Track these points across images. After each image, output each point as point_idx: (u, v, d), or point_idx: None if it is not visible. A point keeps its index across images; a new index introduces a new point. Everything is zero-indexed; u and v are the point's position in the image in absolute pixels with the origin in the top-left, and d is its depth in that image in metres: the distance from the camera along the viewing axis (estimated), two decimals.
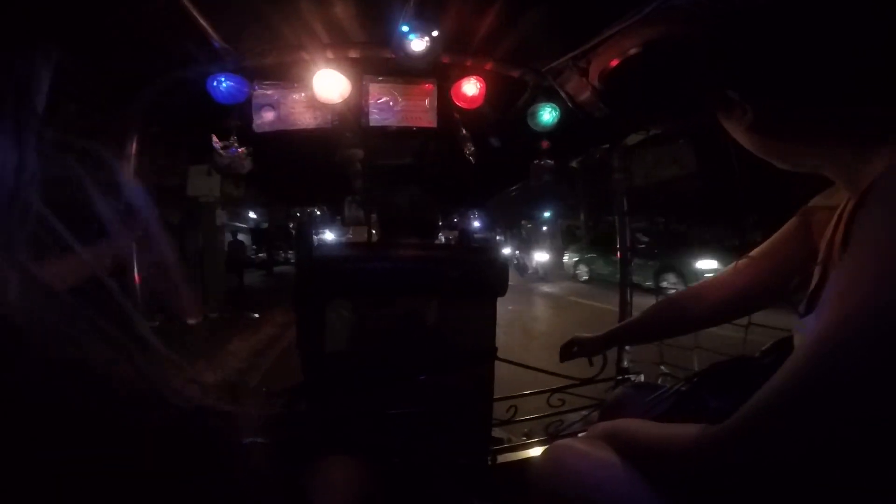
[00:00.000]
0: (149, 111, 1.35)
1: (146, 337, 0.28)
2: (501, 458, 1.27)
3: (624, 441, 0.65)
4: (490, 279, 1.24)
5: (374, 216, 1.40)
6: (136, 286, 1.15)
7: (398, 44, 1.21)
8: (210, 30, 1.15)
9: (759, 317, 1.09)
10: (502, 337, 1.36)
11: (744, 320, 1.23)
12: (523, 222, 19.71)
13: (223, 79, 1.37)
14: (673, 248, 8.98)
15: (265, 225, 20.38)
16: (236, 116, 1.42)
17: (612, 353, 1.38)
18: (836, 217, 0.62)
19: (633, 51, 1.11)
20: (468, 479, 1.17)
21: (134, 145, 1.34)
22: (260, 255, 19.09)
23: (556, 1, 1.10)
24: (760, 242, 0.85)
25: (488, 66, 1.40)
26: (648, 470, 0.58)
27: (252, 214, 20.76)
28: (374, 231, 1.40)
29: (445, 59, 1.32)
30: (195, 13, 1.07)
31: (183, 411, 0.27)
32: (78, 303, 0.25)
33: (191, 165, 2.49)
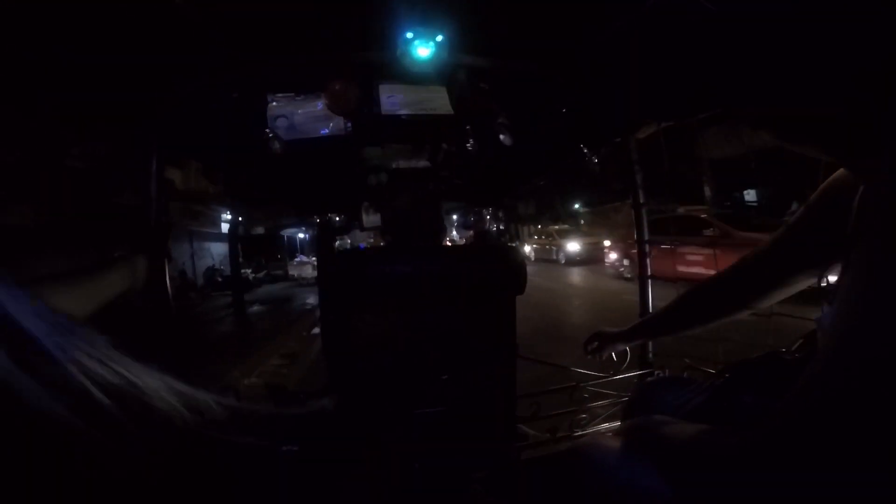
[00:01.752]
0: (167, 127, 1.39)
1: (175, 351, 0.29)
2: (526, 455, 1.28)
3: (655, 440, 0.63)
4: (508, 278, 1.25)
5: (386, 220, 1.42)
6: (170, 300, 1.20)
7: (404, 50, 1.23)
8: (222, 43, 1.19)
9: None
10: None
11: (766, 310, 1.21)
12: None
13: (237, 91, 1.42)
14: None
15: (260, 231, 15.50)
16: (252, 128, 1.46)
17: (635, 346, 1.38)
18: (856, 201, 0.59)
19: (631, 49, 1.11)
20: (493, 475, 1.18)
21: (154, 163, 1.39)
22: (252, 273, 17.06)
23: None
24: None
25: (497, 64, 1.41)
26: (681, 473, 0.56)
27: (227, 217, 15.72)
28: (385, 234, 1.42)
29: (453, 61, 1.34)
30: (200, 25, 1.10)
31: (217, 423, 0.28)
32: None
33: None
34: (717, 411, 0.72)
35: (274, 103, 1.49)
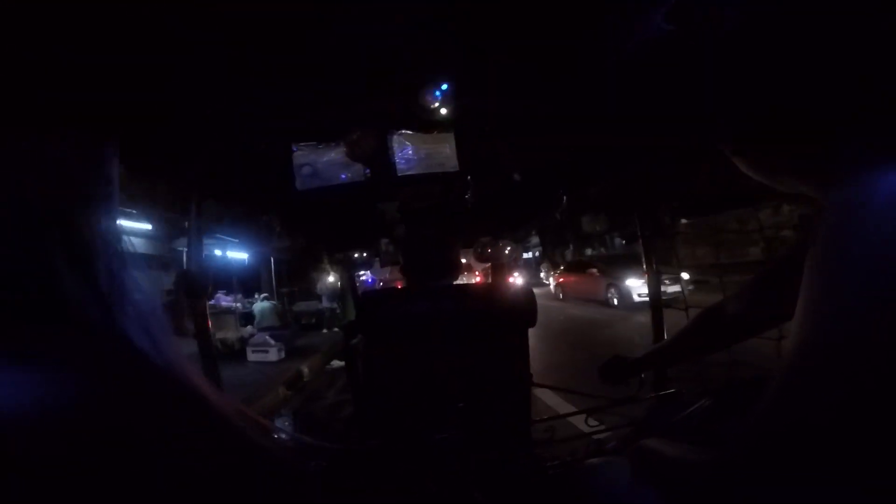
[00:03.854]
0: (203, 178, 1.54)
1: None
2: (539, 478, 1.31)
3: (648, 462, 0.66)
4: (521, 313, 1.33)
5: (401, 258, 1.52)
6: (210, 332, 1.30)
7: (413, 98, 1.36)
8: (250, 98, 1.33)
9: None
10: None
11: (775, 333, 1.23)
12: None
13: (266, 142, 1.56)
14: None
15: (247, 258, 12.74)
16: (280, 176, 1.60)
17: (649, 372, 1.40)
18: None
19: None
20: (506, 497, 1.21)
21: (194, 210, 1.53)
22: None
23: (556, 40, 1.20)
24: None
25: (503, 106, 1.52)
26: (669, 494, 0.60)
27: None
28: (404, 271, 1.52)
29: (461, 106, 1.45)
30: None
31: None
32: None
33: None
34: (707, 433, 0.75)
35: (297, 152, 1.63)
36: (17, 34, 0.25)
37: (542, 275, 22.11)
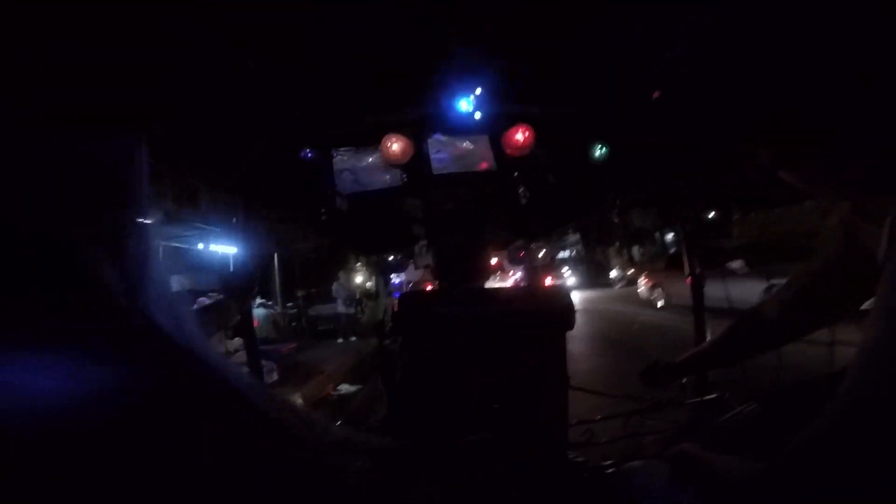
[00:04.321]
0: (249, 186, 1.61)
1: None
2: (576, 479, 1.30)
3: (690, 467, 0.64)
4: (558, 316, 1.32)
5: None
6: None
7: (447, 105, 1.38)
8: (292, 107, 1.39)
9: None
10: None
11: (827, 338, 1.17)
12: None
13: (309, 150, 1.62)
14: None
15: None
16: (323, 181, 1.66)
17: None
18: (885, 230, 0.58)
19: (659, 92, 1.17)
20: (542, 498, 1.21)
21: (242, 212, 1.61)
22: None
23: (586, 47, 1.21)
24: None
25: (535, 111, 1.53)
26: (709, 499, 0.59)
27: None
28: (437, 274, 1.54)
29: (494, 111, 1.47)
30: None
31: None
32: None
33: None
34: (751, 439, 0.73)
35: (338, 157, 1.68)
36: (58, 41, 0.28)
37: (613, 274, 19.10)
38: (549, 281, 9.77)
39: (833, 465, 0.40)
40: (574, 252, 24.46)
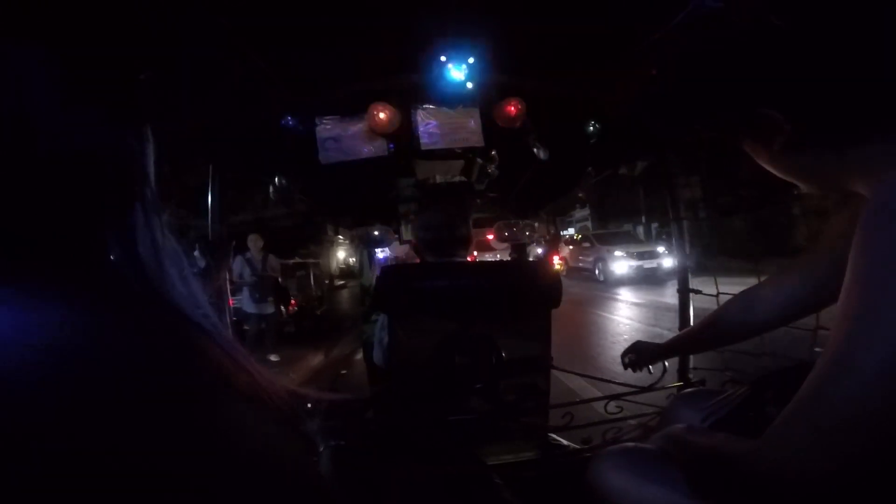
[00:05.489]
0: (224, 154, 1.53)
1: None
2: (557, 463, 1.30)
3: (679, 449, 0.65)
4: (544, 293, 1.29)
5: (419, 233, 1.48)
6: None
7: (438, 73, 1.31)
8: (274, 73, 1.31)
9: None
10: None
11: (811, 323, 1.17)
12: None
13: (290, 118, 1.54)
14: None
15: None
16: (303, 149, 1.58)
17: (673, 360, 1.36)
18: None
19: (665, 64, 1.12)
20: (523, 483, 1.21)
21: (216, 186, 1.53)
22: None
23: (588, 18, 1.15)
24: None
25: (528, 85, 1.47)
26: (701, 480, 0.59)
27: None
28: (419, 247, 1.49)
29: (486, 82, 1.40)
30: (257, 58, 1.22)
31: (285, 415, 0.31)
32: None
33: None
34: (743, 422, 0.72)
35: (321, 126, 1.61)
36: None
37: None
38: (556, 259, 9.86)
39: (820, 433, 0.42)
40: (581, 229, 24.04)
